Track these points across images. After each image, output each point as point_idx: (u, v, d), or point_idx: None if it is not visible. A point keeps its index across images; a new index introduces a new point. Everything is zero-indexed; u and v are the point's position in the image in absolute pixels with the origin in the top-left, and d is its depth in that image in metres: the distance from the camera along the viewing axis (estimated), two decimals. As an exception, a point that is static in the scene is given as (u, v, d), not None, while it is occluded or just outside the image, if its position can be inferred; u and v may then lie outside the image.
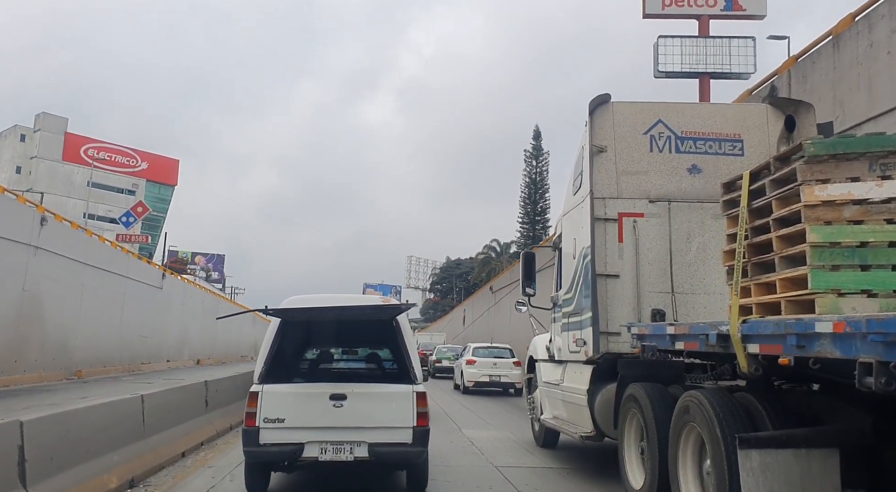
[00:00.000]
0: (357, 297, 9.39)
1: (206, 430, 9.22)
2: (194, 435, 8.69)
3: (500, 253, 67.35)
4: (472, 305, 49.15)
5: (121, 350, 24.33)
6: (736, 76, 27.97)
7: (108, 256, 23.96)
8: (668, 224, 6.98)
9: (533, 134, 66.53)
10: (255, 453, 5.98)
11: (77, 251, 20.58)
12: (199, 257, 79.56)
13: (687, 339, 4.82)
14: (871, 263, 3.54)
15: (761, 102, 8.05)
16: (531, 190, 65.28)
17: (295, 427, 5.91)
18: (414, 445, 5.94)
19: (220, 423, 9.88)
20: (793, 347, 3.55)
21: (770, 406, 4.33)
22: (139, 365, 25.92)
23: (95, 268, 21.97)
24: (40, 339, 18.24)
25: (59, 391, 15.22)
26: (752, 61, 27.60)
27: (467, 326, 48.63)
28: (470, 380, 19.99)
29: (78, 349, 20.53)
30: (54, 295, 18.94)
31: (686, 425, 4.81)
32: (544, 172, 65.37)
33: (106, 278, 23.01)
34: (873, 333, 2.93)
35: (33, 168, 66.50)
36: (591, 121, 7.19)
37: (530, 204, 64.94)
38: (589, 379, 7.02)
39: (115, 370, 23.05)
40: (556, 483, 7.25)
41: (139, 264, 28.00)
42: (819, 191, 3.64)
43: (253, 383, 6.19)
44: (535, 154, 65.66)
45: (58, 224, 19.74)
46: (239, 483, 6.50)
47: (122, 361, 24.34)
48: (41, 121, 68.42)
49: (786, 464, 3.89)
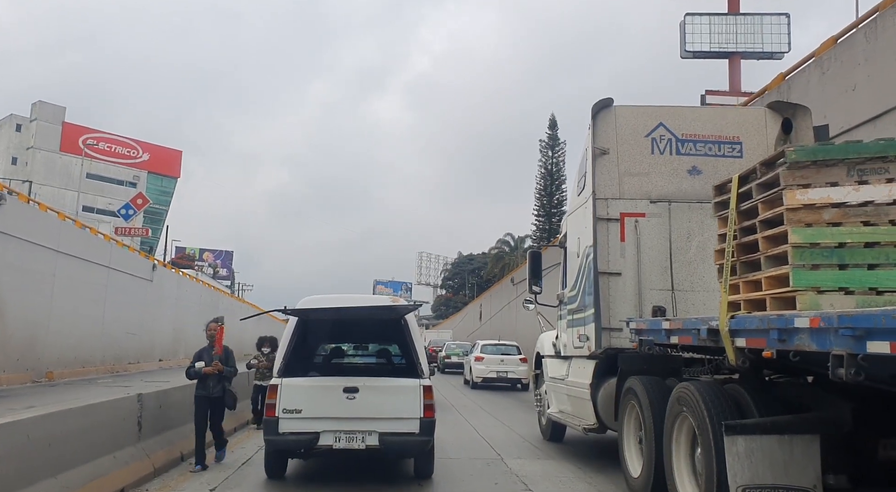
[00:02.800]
0: (368, 297, 9.89)
1: (135, 469, 6.42)
2: (110, 479, 5.87)
3: (515, 248, 64.03)
4: (489, 299, 46.23)
5: (103, 349, 21.97)
6: (768, 56, 26.08)
7: (86, 243, 21.33)
8: (669, 224, 7.23)
9: (548, 123, 61.90)
10: (275, 442, 6.45)
11: (47, 236, 18.12)
12: (208, 254, 79.23)
13: (681, 333, 5.10)
14: (849, 263, 3.79)
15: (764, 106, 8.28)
16: (547, 181, 60.84)
17: (311, 417, 6.37)
18: (421, 434, 6.41)
19: (163, 454, 7.15)
20: (775, 340, 3.83)
21: (757, 396, 4.60)
22: (126, 365, 23.56)
23: (70, 256, 19.44)
24: (0, 337, 16.00)
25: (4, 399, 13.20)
26: (785, 40, 25.66)
27: (484, 321, 46.20)
28: (478, 376, 20.70)
29: (49, 348, 18.16)
30: (17, 286, 16.52)
31: (679, 415, 5.09)
32: (561, 162, 60.76)
33: (84, 268, 20.46)
34: (843, 328, 3.21)
35: (30, 159, 62.92)
36: (594, 124, 7.44)
37: (546, 196, 60.68)
38: (592, 374, 7.31)
39: (95, 371, 20.80)
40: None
41: (125, 254, 25.16)
42: (800, 195, 3.90)
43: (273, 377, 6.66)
44: (550, 144, 61.21)
45: (20, 204, 17.63)
46: None
47: (104, 361, 21.92)
48: (38, 110, 64.59)
49: (769, 449, 4.16)
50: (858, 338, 3.14)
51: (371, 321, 7.93)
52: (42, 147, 63.29)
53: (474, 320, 51.32)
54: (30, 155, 63.24)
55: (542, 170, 61.67)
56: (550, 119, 62.14)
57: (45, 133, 63.67)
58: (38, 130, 63.73)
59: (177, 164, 75.45)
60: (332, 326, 8.33)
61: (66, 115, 65.42)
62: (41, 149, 63.17)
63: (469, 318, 55.32)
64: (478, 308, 51.66)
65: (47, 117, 64.36)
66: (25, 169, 61.87)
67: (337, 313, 7.28)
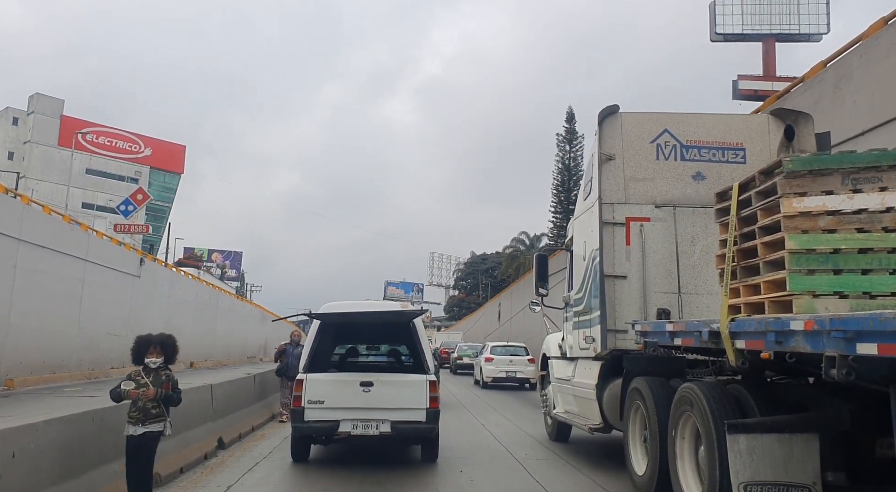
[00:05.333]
0: (381, 303, 11.40)
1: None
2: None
3: (530, 246, 62.61)
4: (508, 297, 44.03)
5: (80, 352, 19.51)
6: (805, 38, 24.20)
7: (57, 231, 18.54)
8: (674, 228, 7.37)
9: (566, 116, 59.68)
10: (301, 429, 7.38)
11: (5, 222, 15.59)
12: (216, 254, 79.23)
13: (684, 335, 5.26)
14: (843, 268, 3.95)
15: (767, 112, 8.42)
16: (564, 177, 58.19)
17: (332, 408, 7.25)
18: (427, 422, 7.28)
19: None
20: (772, 342, 3.99)
21: (759, 396, 4.76)
22: (108, 370, 20.75)
23: (35, 245, 16.90)
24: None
25: None
26: (824, 20, 23.87)
27: (503, 322, 44.14)
28: (488, 376, 21.42)
29: (10, 351, 15.68)
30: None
31: (683, 415, 5.25)
32: (579, 157, 57.77)
33: (54, 261, 17.92)
34: (835, 331, 3.37)
35: (27, 154, 60.20)
36: (601, 130, 7.60)
37: (563, 192, 57.93)
38: (597, 374, 7.47)
39: (69, 377, 18.22)
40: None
41: (106, 246, 22.50)
42: (797, 203, 4.06)
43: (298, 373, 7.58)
44: (567, 138, 58.79)
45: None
46: None
47: (80, 366, 19.48)
48: (35, 102, 61.75)
49: (770, 447, 4.32)
50: (849, 340, 3.30)
51: (383, 324, 8.86)
52: (40, 141, 60.58)
53: (492, 321, 49.79)
54: (27, 149, 60.65)
55: (559, 165, 59.51)
56: (568, 112, 59.90)
57: (42, 127, 60.87)
58: (35, 124, 60.92)
59: (180, 159, 72.60)
60: (349, 328, 9.20)
61: (65, 109, 62.78)
62: (39, 143, 60.52)
63: (486, 318, 53.81)
64: (495, 308, 49.77)
65: (45, 110, 61.67)
66: (22, 164, 59.17)
67: (354, 317, 8.29)
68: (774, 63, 24.88)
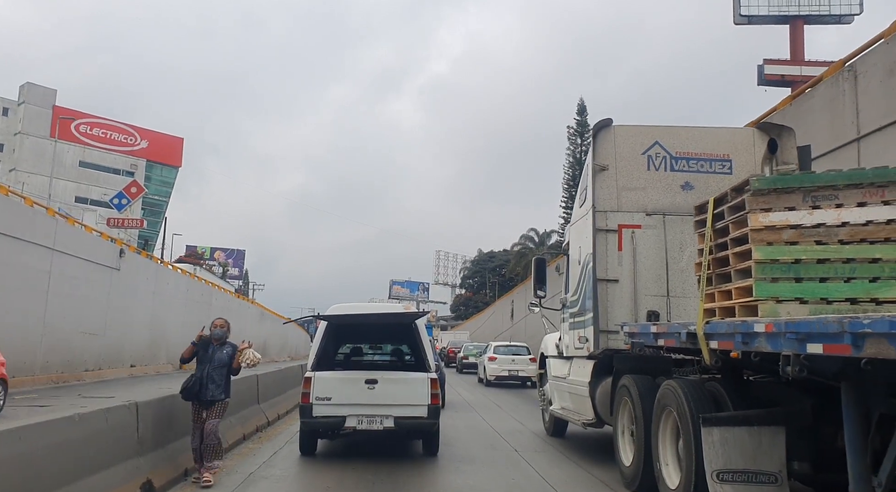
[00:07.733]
0: (385, 305, 11.98)
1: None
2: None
3: (539, 243, 61.44)
4: (521, 295, 40.79)
5: (46, 354, 17.45)
6: (836, 20, 22.38)
7: (15, 215, 16.24)
8: (664, 235, 7.80)
9: (577, 109, 58.22)
10: (309, 423, 7.77)
11: None
12: (219, 253, 77.42)
13: (666, 337, 5.71)
14: (803, 277, 4.38)
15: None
16: (575, 170, 56.40)
17: (339, 404, 7.62)
18: (429, 418, 7.69)
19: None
20: (740, 343, 4.44)
21: (733, 393, 5.22)
22: (81, 373, 18.89)
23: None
24: None
25: None
26: (856, 0, 21.73)
27: (517, 321, 41.23)
28: (491, 374, 22.11)
29: None
30: None
31: (665, 409, 5.70)
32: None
33: (12, 248, 15.77)
34: (790, 333, 3.82)
35: (17, 145, 57.46)
36: (595, 142, 8.04)
37: (574, 187, 54.03)
38: (590, 373, 7.92)
39: (31, 381, 16.15)
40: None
41: (78, 234, 20.18)
42: (762, 217, 4.50)
43: (307, 371, 7.96)
44: (579, 131, 57.62)
45: None
46: None
47: (47, 369, 17.44)
48: (26, 92, 58.72)
49: (740, 439, 4.76)
50: (801, 341, 3.75)
51: (387, 325, 9.30)
52: (31, 133, 57.67)
53: (504, 320, 46.72)
54: (17, 141, 57.83)
55: (569, 159, 58.61)
56: (579, 104, 58.93)
57: (33, 117, 58.05)
58: (26, 114, 58.10)
59: (178, 152, 69.78)
60: (354, 328, 9.60)
61: (57, 99, 60.03)
62: (30, 134, 57.60)
63: (496, 317, 51.18)
64: (507, 306, 46.88)
65: (36, 101, 58.76)
66: (13, 156, 57.06)
67: (360, 318, 8.66)
68: (803, 46, 22.90)
